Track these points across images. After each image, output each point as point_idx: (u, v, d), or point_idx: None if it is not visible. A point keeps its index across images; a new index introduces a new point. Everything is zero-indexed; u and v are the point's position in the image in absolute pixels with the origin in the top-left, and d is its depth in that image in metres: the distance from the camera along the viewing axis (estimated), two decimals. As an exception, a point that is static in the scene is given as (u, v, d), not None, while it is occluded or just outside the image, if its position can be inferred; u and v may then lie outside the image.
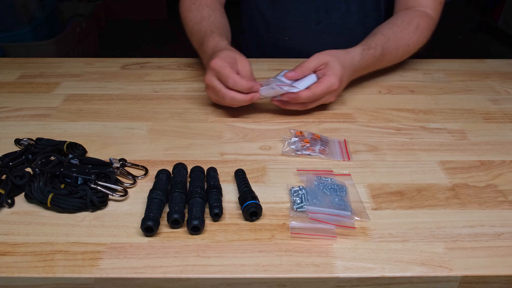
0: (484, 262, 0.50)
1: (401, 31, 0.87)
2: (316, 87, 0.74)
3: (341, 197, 0.57)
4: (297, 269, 0.48)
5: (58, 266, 0.48)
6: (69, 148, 0.65)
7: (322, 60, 0.76)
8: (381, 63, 0.86)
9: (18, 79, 0.91)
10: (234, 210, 0.57)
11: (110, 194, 0.58)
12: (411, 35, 0.87)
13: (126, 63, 0.99)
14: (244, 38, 1.15)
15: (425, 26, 0.89)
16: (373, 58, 0.82)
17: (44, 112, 0.78)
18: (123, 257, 0.49)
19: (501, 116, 0.80)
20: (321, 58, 0.76)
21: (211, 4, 0.92)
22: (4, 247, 0.50)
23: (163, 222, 0.54)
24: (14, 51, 2.23)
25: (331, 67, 0.75)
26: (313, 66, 0.76)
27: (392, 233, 0.53)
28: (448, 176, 0.64)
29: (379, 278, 0.48)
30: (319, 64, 0.76)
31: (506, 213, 0.57)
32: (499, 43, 3.27)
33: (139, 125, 0.75)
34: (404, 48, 0.87)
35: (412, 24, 0.88)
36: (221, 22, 0.89)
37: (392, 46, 0.85)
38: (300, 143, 0.68)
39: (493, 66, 1.00)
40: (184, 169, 0.62)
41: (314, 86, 0.74)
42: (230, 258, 0.49)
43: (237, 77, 0.71)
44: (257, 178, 0.62)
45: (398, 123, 0.77)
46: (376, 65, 0.86)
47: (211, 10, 0.90)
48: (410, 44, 0.88)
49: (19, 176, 0.59)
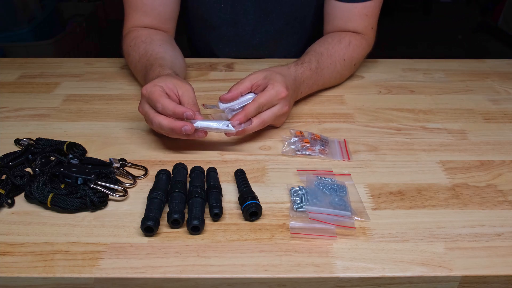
0: (484, 262, 0.50)
1: (333, 47, 0.85)
2: (260, 96, 0.67)
3: (341, 197, 0.57)
4: (297, 269, 0.48)
5: (58, 266, 0.48)
6: (69, 148, 0.65)
7: (259, 76, 0.70)
8: (321, 78, 0.82)
9: (18, 79, 0.91)
10: (234, 210, 0.57)
11: (110, 194, 0.58)
12: (344, 50, 0.85)
13: (126, 63, 0.98)
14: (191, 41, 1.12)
15: (358, 44, 0.87)
16: (309, 71, 0.79)
17: (44, 112, 0.78)
18: (123, 257, 0.49)
19: (501, 116, 0.80)
20: (257, 74, 0.70)
21: (146, 38, 0.85)
22: (4, 247, 0.50)
23: (163, 222, 0.54)
24: (14, 51, 2.23)
25: (271, 78, 0.69)
26: (249, 84, 0.69)
27: (392, 233, 0.53)
28: (448, 176, 0.64)
29: (379, 278, 0.48)
30: (256, 80, 0.69)
31: (506, 213, 0.57)
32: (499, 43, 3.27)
33: (139, 125, 0.75)
34: (340, 62, 0.84)
35: (343, 41, 0.86)
36: (159, 52, 0.80)
37: (327, 60, 0.82)
38: (300, 143, 0.68)
39: (493, 66, 1.00)
40: (184, 169, 0.62)
41: (258, 96, 0.67)
42: (230, 258, 0.50)
43: (167, 102, 0.62)
44: (257, 178, 0.62)
45: (398, 123, 0.77)
46: (317, 79, 0.81)
47: (148, 45, 0.83)
48: (346, 59, 0.85)
49: (19, 176, 0.59)
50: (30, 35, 2.29)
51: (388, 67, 0.98)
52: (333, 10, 0.89)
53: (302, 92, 0.79)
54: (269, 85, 0.68)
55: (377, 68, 0.97)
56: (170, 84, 0.66)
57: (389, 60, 1.00)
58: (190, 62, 0.99)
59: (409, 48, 3.11)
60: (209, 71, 0.95)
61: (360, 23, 0.88)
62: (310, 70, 0.79)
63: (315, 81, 0.81)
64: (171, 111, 0.62)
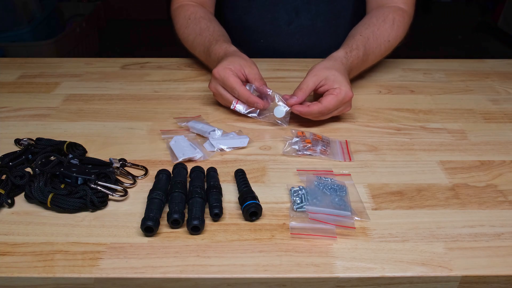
0: (484, 262, 0.50)
1: (378, 28, 0.86)
2: (329, 101, 0.71)
3: (341, 197, 0.57)
4: (297, 269, 0.48)
5: (58, 266, 0.48)
6: (69, 148, 0.65)
7: (320, 77, 0.73)
8: (366, 63, 0.86)
9: (18, 79, 0.91)
10: (234, 210, 0.57)
11: (110, 194, 0.58)
12: (389, 31, 0.87)
13: (126, 63, 0.99)
14: None
15: (401, 20, 0.89)
16: (357, 59, 0.81)
17: (44, 112, 0.78)
18: (123, 257, 0.49)
19: (501, 116, 0.80)
20: (318, 75, 0.73)
21: (205, 15, 0.93)
22: (4, 247, 0.50)
23: (163, 222, 0.54)
24: (14, 51, 2.23)
25: (334, 79, 0.72)
26: (312, 85, 0.73)
27: (392, 233, 0.53)
28: (448, 176, 0.64)
29: (379, 278, 0.48)
30: (318, 81, 0.73)
31: (506, 213, 0.57)
32: (499, 43, 3.27)
33: (139, 125, 0.75)
34: (385, 44, 0.87)
35: (387, 21, 0.88)
36: (220, 30, 0.90)
37: (373, 45, 0.85)
38: (302, 144, 0.68)
39: (493, 66, 1.00)
40: (184, 169, 0.62)
41: (327, 100, 0.71)
42: (230, 258, 0.49)
43: (242, 90, 0.73)
44: (257, 178, 0.62)
45: (398, 123, 0.77)
46: (361, 65, 0.85)
47: (208, 21, 0.91)
48: (391, 40, 0.88)
49: (19, 176, 0.59)
50: (30, 35, 2.29)
51: (388, 67, 0.98)
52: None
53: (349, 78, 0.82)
54: (335, 89, 0.72)
55: (377, 68, 0.97)
56: (238, 66, 0.75)
57: (389, 60, 0.99)
58: (190, 62, 0.99)
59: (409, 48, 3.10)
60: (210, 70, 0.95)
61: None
62: (358, 58, 0.81)
63: (361, 67, 0.85)
64: (245, 99, 0.74)
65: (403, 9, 0.91)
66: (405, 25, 0.91)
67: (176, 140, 0.68)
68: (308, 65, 0.98)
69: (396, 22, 0.88)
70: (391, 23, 0.88)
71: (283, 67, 0.97)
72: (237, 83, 0.73)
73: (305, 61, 1.00)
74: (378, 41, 0.85)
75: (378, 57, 0.88)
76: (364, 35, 0.85)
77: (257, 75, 0.76)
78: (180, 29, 0.94)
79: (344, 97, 0.72)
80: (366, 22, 0.89)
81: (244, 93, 0.73)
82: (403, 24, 0.90)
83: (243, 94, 0.73)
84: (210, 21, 0.92)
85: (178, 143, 0.68)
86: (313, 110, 0.71)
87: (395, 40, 0.89)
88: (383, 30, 0.86)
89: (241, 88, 0.73)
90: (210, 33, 0.88)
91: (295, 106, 0.72)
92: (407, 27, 0.92)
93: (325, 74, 0.73)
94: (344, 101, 0.72)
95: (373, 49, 0.85)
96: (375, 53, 0.86)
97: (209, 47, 0.85)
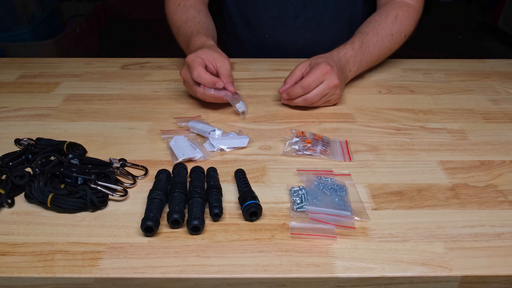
0: (484, 262, 0.50)
1: (379, 24, 0.89)
2: (309, 75, 0.76)
3: (341, 197, 0.57)
4: (297, 269, 0.48)
5: (58, 266, 0.48)
6: (69, 148, 0.65)
7: (305, 65, 0.79)
8: (369, 55, 0.87)
9: (18, 79, 0.91)
10: (234, 210, 0.57)
11: (110, 194, 0.58)
12: (391, 26, 0.90)
13: (126, 63, 0.99)
14: (227, 38, 1.16)
15: (405, 15, 0.91)
16: (352, 50, 0.84)
17: (44, 112, 0.78)
18: (123, 257, 0.49)
19: (501, 116, 0.80)
20: (304, 64, 0.79)
21: (195, 5, 0.94)
22: (4, 247, 0.50)
23: (163, 222, 0.54)
24: (14, 51, 2.23)
25: (315, 63, 0.78)
26: (299, 72, 0.79)
27: (392, 233, 0.53)
28: (448, 176, 0.64)
29: (379, 278, 0.48)
30: (305, 67, 0.79)
31: (506, 213, 0.57)
32: (499, 43, 3.27)
33: (139, 125, 0.75)
34: (387, 38, 0.89)
35: (390, 16, 0.90)
36: (206, 22, 0.91)
37: (373, 38, 0.87)
38: (302, 144, 0.68)
39: (493, 66, 1.00)
40: (184, 169, 0.62)
41: (307, 75, 0.76)
42: (230, 258, 0.49)
43: (202, 71, 0.74)
44: (257, 178, 0.62)
45: (398, 123, 0.77)
46: (363, 57, 0.86)
47: (196, 12, 0.92)
48: (394, 34, 0.90)
49: (19, 176, 0.59)
50: (30, 35, 2.29)
51: (388, 67, 0.98)
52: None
53: (351, 70, 0.85)
54: (317, 65, 0.77)
55: (377, 68, 0.97)
56: (210, 57, 0.77)
57: (389, 60, 0.99)
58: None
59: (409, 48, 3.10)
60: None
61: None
62: (353, 50, 0.84)
63: (362, 58, 0.86)
64: (206, 81, 0.74)
65: (410, 4, 0.93)
66: (411, 19, 0.93)
67: (176, 140, 0.68)
68: (308, 65, 0.98)
69: (399, 17, 0.91)
70: (393, 18, 0.90)
71: (283, 67, 0.97)
72: (199, 66, 0.74)
73: (305, 61, 1.00)
74: (379, 35, 0.88)
75: (383, 50, 0.90)
76: (362, 31, 0.89)
77: (227, 70, 0.77)
78: (169, 14, 0.96)
79: (321, 71, 0.75)
80: (368, 20, 0.93)
81: (205, 75, 0.74)
82: (407, 18, 0.92)
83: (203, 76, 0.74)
84: (199, 11, 0.93)
85: (178, 143, 0.68)
86: (295, 87, 0.76)
87: (399, 34, 0.91)
88: (385, 25, 0.89)
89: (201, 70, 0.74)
90: (195, 23, 0.89)
91: (283, 96, 0.78)
92: (414, 21, 0.94)
93: (309, 61, 0.79)
94: (322, 73, 0.75)
95: (374, 42, 0.87)
96: (378, 45, 0.88)
97: (190, 37, 0.86)
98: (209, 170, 0.62)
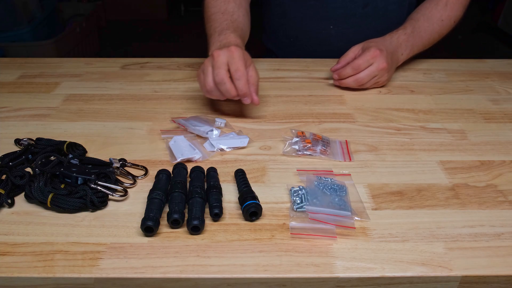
0: (484, 262, 0.50)
1: (430, 11, 0.94)
2: (360, 57, 0.82)
3: (341, 197, 0.57)
4: (297, 269, 0.48)
5: (58, 266, 0.48)
6: (69, 148, 0.65)
7: (358, 48, 0.86)
8: (420, 40, 0.92)
9: (18, 79, 0.91)
10: (234, 210, 0.57)
11: (110, 194, 0.58)
12: (442, 12, 0.94)
13: (126, 63, 0.99)
14: (270, 38, 1.14)
15: (454, 1, 0.96)
16: (404, 35, 0.89)
17: (44, 112, 0.78)
18: (123, 257, 0.49)
19: (501, 116, 0.80)
20: (356, 46, 0.86)
21: None
22: (4, 247, 0.50)
23: (163, 222, 0.54)
24: (14, 51, 2.23)
25: (367, 46, 0.84)
26: (352, 55, 0.86)
27: (392, 233, 0.53)
28: (448, 176, 0.64)
29: (379, 278, 0.48)
30: (357, 49, 0.85)
31: (506, 213, 0.57)
32: (499, 43, 3.27)
33: (139, 125, 0.75)
34: (438, 23, 0.94)
35: (440, 3, 0.95)
36: (242, 22, 0.87)
37: (424, 24, 0.92)
38: (302, 143, 0.68)
39: (493, 66, 1.00)
40: (184, 169, 0.62)
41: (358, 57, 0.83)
42: (230, 258, 0.49)
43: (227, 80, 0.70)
44: (257, 178, 0.62)
45: (398, 123, 0.77)
46: (415, 42, 0.91)
47: (236, 7, 0.89)
48: (444, 19, 0.94)
49: (19, 176, 0.59)
50: (30, 35, 2.29)
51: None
52: None
53: (402, 54, 0.90)
54: (368, 48, 0.83)
55: (377, 68, 0.96)
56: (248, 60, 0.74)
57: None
58: (191, 62, 0.99)
59: (409, 48, 3.09)
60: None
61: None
62: (405, 34, 0.90)
63: (413, 43, 0.91)
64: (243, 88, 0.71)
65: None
66: (460, 5, 0.97)
67: (175, 140, 0.68)
68: (308, 65, 0.98)
69: (449, 3, 0.95)
70: (443, 5, 0.95)
71: (283, 67, 0.97)
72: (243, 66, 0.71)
73: (305, 61, 1.00)
74: (430, 20, 0.93)
75: (434, 35, 0.94)
76: (414, 17, 0.94)
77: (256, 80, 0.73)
78: None
79: (371, 54, 0.82)
80: (420, 6, 0.97)
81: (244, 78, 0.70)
82: (457, 4, 0.96)
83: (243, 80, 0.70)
84: (239, 7, 0.89)
85: (177, 143, 0.68)
86: (346, 68, 0.83)
87: (448, 19, 0.95)
88: (435, 12, 0.94)
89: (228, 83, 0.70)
90: (232, 19, 0.85)
91: (334, 76, 0.85)
92: (463, 7, 0.98)
93: (362, 45, 0.86)
94: (371, 56, 0.82)
95: (425, 27, 0.92)
96: (428, 31, 0.93)
97: (223, 29, 0.82)
98: (209, 170, 0.62)
